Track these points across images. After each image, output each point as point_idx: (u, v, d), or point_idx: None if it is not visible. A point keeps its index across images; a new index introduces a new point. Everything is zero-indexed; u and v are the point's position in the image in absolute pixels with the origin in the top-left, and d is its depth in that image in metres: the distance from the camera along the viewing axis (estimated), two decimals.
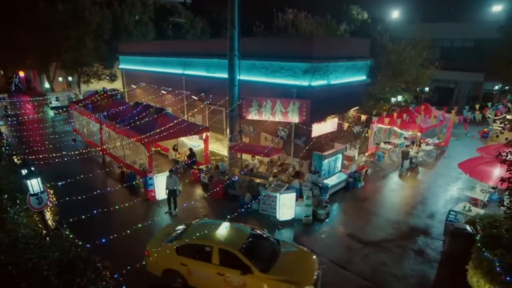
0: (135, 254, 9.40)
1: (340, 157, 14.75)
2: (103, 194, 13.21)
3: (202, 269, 8.08)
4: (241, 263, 7.77)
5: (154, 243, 8.84)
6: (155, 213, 12.64)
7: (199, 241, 8.32)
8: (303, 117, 13.92)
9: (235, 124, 14.96)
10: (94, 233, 9.07)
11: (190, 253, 8.22)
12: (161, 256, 8.47)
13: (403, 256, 10.18)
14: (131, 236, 10.84)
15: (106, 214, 11.81)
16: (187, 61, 19.81)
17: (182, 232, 8.89)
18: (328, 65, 14.26)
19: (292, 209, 11.77)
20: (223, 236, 8.58)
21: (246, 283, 7.75)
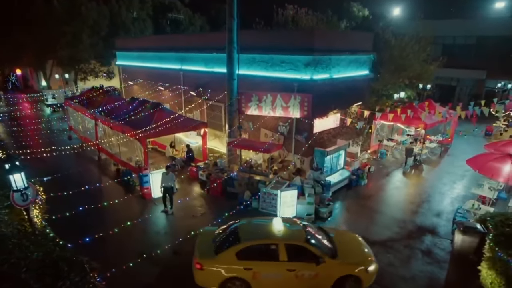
0: (128, 253, 8.92)
1: (342, 154, 14.25)
2: (96, 192, 12.73)
3: (270, 269, 7.56)
4: (311, 254, 7.59)
5: (205, 254, 7.76)
6: (150, 211, 12.12)
7: (262, 240, 7.82)
8: (304, 112, 13.43)
9: (234, 120, 14.45)
10: (85, 232, 8.62)
11: (254, 255, 7.59)
12: (220, 265, 7.54)
13: (411, 257, 9.68)
14: (124, 235, 10.39)
15: (98, 213, 11.37)
16: (185, 56, 19.31)
17: (233, 236, 8.01)
18: (330, 58, 13.76)
19: (294, 207, 11.27)
20: (282, 231, 8.22)
21: (318, 273, 7.58)
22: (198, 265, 7.56)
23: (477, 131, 21.06)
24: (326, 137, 14.85)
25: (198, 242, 8.31)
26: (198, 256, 7.73)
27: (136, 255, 9.23)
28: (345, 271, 7.68)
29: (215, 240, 8.15)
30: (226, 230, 8.49)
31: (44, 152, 15.21)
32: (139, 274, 8.74)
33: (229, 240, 7.92)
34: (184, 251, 9.83)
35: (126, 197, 13.17)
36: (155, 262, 9.27)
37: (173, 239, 10.32)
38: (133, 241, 10.20)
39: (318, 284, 7.70)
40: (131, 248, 9.77)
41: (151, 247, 9.79)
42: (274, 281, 7.62)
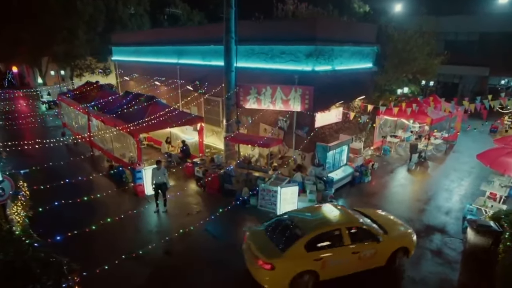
0: (116, 253, 8.27)
1: (345, 149, 13.62)
2: (87, 189, 12.09)
3: (337, 255, 7.51)
4: (369, 234, 7.88)
5: (271, 253, 7.28)
6: (142, 209, 11.47)
7: (326, 228, 7.69)
8: (305, 105, 12.79)
9: (232, 113, 13.81)
10: (71, 231, 7.99)
11: (322, 244, 7.43)
12: (290, 261, 7.18)
13: (420, 257, 9.04)
14: (113, 233, 9.78)
15: (87, 210, 10.79)
16: (182, 49, 18.68)
17: (293, 229, 7.66)
18: (333, 49, 13.12)
19: (294, 205, 10.64)
20: (337, 215, 8.27)
21: (377, 251, 7.86)
22: (268, 265, 7.04)
23: (487, 124, 20.44)
24: (328, 132, 14.22)
25: (252, 244, 7.67)
26: (266, 257, 7.16)
27: (125, 255, 8.60)
28: (398, 244, 8.16)
29: (273, 237, 7.70)
30: (278, 225, 8.04)
31: (32, 146, 14.57)
32: (127, 275, 8.15)
33: (291, 234, 7.54)
34: (176, 251, 9.25)
35: (118, 194, 12.56)
36: (145, 262, 8.66)
37: (165, 239, 9.70)
38: (123, 240, 9.58)
39: (376, 261, 8.02)
40: (120, 247, 9.12)
41: (141, 246, 9.12)
42: (340, 267, 7.66)
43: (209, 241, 9.78)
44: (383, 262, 8.08)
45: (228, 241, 9.71)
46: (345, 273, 7.78)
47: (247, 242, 7.89)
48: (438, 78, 31.61)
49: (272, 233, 7.82)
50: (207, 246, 9.52)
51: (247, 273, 8.32)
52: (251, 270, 7.54)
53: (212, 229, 10.27)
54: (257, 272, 7.29)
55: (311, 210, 8.91)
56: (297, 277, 7.16)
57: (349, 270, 7.80)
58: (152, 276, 8.25)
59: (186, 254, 9.12)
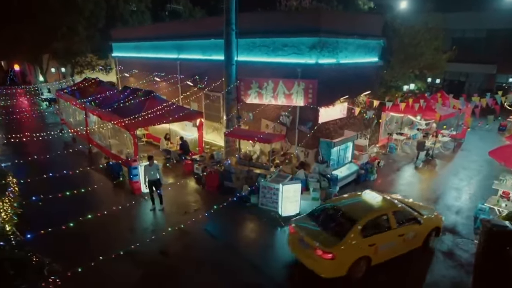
0: (108, 253, 7.83)
1: (350, 146, 13.08)
2: (82, 186, 11.64)
3: (387, 239, 7.72)
4: (411, 216, 8.30)
5: (328, 242, 7.23)
6: (138, 207, 11.01)
7: (376, 213, 7.88)
8: (309, 100, 12.28)
9: (232, 109, 13.31)
10: (62, 230, 7.57)
11: (373, 230, 7.59)
12: (349, 249, 7.22)
13: (430, 260, 8.51)
14: (106, 232, 9.35)
15: (80, 209, 10.27)
16: (182, 44, 18.21)
17: (344, 216, 7.78)
18: (337, 41, 12.60)
19: (297, 203, 10.13)
20: (381, 201, 8.34)
21: (417, 232, 8.27)
22: (329, 255, 6.99)
23: (499, 120, 19.81)
24: (332, 128, 13.70)
25: (305, 236, 7.56)
26: (325, 246, 7.09)
27: (117, 255, 8.15)
28: (432, 225, 8.69)
29: (325, 227, 7.70)
30: (326, 214, 8.10)
31: (29, 143, 14.19)
32: (119, 275, 7.72)
33: (345, 222, 7.62)
34: (172, 250, 8.78)
35: (114, 192, 12.15)
36: (139, 262, 8.21)
37: (161, 238, 9.24)
38: (116, 239, 9.12)
39: (416, 242, 8.38)
40: (113, 246, 8.64)
41: (135, 246, 8.70)
42: (389, 250, 7.85)
43: (207, 240, 9.30)
44: (420, 243, 8.49)
45: (227, 241, 9.24)
46: (391, 256, 7.98)
47: (297, 234, 7.79)
48: (444, 76, 30.96)
49: (322, 223, 7.84)
50: (205, 246, 9.05)
51: (246, 274, 7.87)
52: (306, 262, 7.52)
53: (210, 228, 9.80)
54: (316, 262, 7.24)
55: (353, 197, 8.87)
56: (354, 264, 7.27)
57: (395, 253, 8.03)
58: (146, 276, 7.79)
59: (182, 254, 8.66)
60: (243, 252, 8.73)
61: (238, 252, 8.70)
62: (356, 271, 7.38)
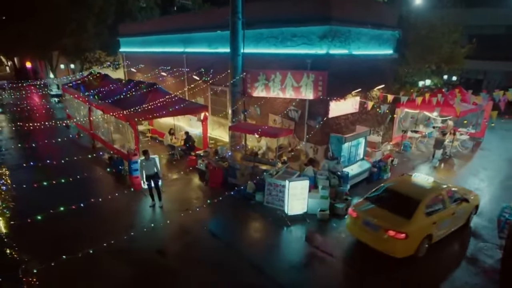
0: (100, 252, 7.34)
1: (362, 142, 12.34)
2: (81, 181, 11.21)
3: (444, 217, 8.11)
4: (461, 196, 8.74)
5: (398, 222, 7.45)
6: (137, 203, 10.50)
7: (435, 193, 8.23)
8: (318, 93, 11.59)
9: (238, 102, 12.71)
10: (55, 228, 7.13)
11: (433, 209, 7.92)
12: (418, 228, 7.52)
13: (451, 266, 7.74)
14: (101, 230, 8.86)
15: (76, 205, 9.82)
16: (188, 37, 17.72)
17: (405, 197, 8.06)
18: (349, 30, 11.87)
19: (304, 201, 9.45)
20: (433, 182, 8.83)
21: (464, 210, 8.79)
22: (402, 234, 7.20)
23: None
24: (344, 123, 12.97)
25: (371, 218, 7.78)
26: (397, 227, 7.32)
27: (110, 253, 7.66)
28: (474, 203, 9.28)
29: (389, 208, 7.90)
30: (387, 197, 8.39)
31: (33, 138, 13.89)
32: (109, 275, 7.17)
33: (408, 203, 7.85)
34: (170, 249, 8.22)
35: (115, 187, 11.67)
36: (134, 261, 7.67)
37: (159, 236, 8.72)
38: (111, 237, 8.55)
39: (461, 220, 8.88)
40: (108, 245, 8.16)
41: (132, 244, 8.20)
42: (445, 228, 8.27)
43: (208, 240, 8.71)
44: (464, 221, 9.00)
45: (229, 240, 8.63)
46: (445, 234, 8.38)
47: (360, 218, 7.97)
48: (460, 74, 29.77)
49: (385, 205, 8.05)
50: (205, 245, 8.47)
51: (247, 275, 7.26)
52: (374, 244, 7.68)
53: (212, 227, 9.22)
54: (386, 243, 7.38)
55: (406, 180, 9.22)
56: (421, 243, 7.57)
57: (448, 231, 8.47)
58: (139, 276, 7.24)
59: (181, 253, 8.10)
60: (245, 252, 8.12)
61: (240, 252, 8.10)
62: (420, 249, 7.67)
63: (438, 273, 7.57)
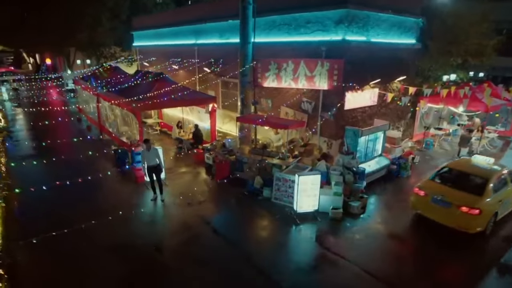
0: (96, 247, 6.81)
1: (381, 137, 11.42)
2: (84, 174, 10.83)
3: (507, 196, 8.34)
4: None
5: (470, 199, 7.74)
6: (138, 196, 9.95)
7: (499, 172, 8.50)
8: (333, 83, 10.78)
9: (248, 93, 12.03)
10: (52, 220, 6.65)
11: (498, 187, 8.19)
12: (489, 204, 7.81)
13: (482, 275, 6.80)
14: (97, 225, 8.32)
15: (75, 197, 9.45)
16: (200, 28, 17.19)
17: (471, 175, 8.49)
18: (368, 15, 11.00)
19: (315, 198, 8.66)
20: (492, 162, 9.07)
21: None
22: (477, 210, 7.50)
23: None
24: (360, 116, 12.10)
25: (443, 196, 8.03)
26: (471, 203, 7.61)
27: (105, 249, 7.15)
28: None
29: (458, 186, 8.18)
30: (453, 176, 8.71)
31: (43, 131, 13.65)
32: (105, 272, 6.62)
33: (476, 181, 8.25)
34: (169, 246, 7.61)
35: (117, 180, 11.19)
36: (129, 258, 7.10)
37: (158, 231, 8.15)
38: (107, 232, 8.05)
39: None
40: (102, 240, 7.66)
41: (128, 240, 7.66)
42: (506, 207, 8.49)
43: (209, 236, 8.04)
44: None
45: (232, 238, 7.94)
46: (506, 213, 8.63)
47: (428, 196, 8.24)
48: (488, 70, 28.07)
49: (453, 183, 8.35)
50: (206, 242, 7.80)
51: (248, 277, 6.57)
52: (444, 220, 7.96)
53: (215, 223, 8.56)
54: (459, 218, 7.65)
55: (468, 161, 9.55)
56: (491, 219, 7.89)
57: (507, 210, 8.66)
58: (133, 273, 6.64)
59: (179, 250, 7.46)
60: (249, 251, 7.42)
61: (243, 251, 7.41)
62: (489, 226, 7.90)
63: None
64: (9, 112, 23.52)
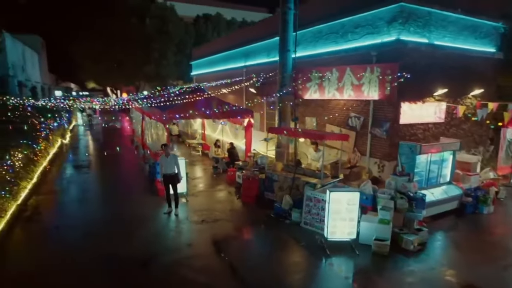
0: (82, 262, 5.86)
1: (449, 159, 9.05)
2: (113, 190, 10.52)
3: None
4: None
5: None
6: (151, 209, 8.96)
7: None
8: (386, 92, 9.02)
9: (287, 106, 10.75)
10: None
11: None
12: None
13: None
14: (99, 236, 7.51)
15: (91, 209, 9.03)
16: (249, 50, 16.90)
17: None
18: (430, 13, 9.24)
19: (353, 224, 6.71)
20: None
21: None
22: None
23: None
24: (422, 134, 9.91)
25: None
26: None
27: (89, 258, 6.17)
28: None
29: None
30: None
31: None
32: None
33: None
34: (158, 263, 6.30)
35: (141, 193, 10.51)
36: (104, 270, 5.96)
37: (155, 246, 6.94)
38: (104, 241, 7.11)
39: None
40: (90, 249, 6.70)
41: (117, 251, 6.59)
42: None
43: (211, 259, 6.52)
44: None
45: (239, 264, 6.30)
46: None
47: None
48: None
49: None
50: (204, 265, 6.28)
51: None
52: None
53: (224, 245, 7.06)
54: None
55: None
56: None
57: None
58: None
59: (167, 270, 6.07)
60: (251, 285, 5.73)
61: (243, 284, 5.76)
62: None
63: None
64: (80, 132, 25.75)
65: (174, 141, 18.34)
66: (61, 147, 17.55)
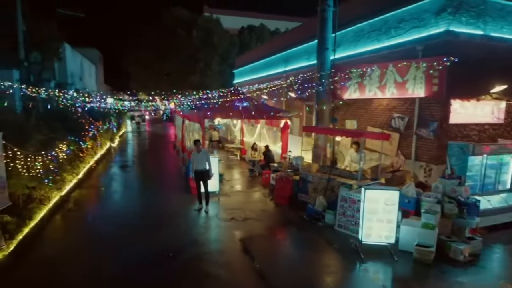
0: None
1: (510, 163, 7.99)
2: (150, 192, 10.81)
3: None
4: None
5: None
6: (182, 206, 8.97)
7: None
8: (433, 88, 8.26)
9: (325, 106, 10.29)
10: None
11: None
12: None
13: None
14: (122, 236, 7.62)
15: (131, 203, 9.39)
16: (289, 54, 16.72)
17: None
18: (485, 2, 8.38)
19: (391, 226, 6.07)
20: None
21: None
22: None
23: None
24: (476, 136, 8.88)
25: None
26: None
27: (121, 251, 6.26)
28: None
29: None
30: None
31: None
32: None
33: None
34: (180, 256, 6.17)
35: (176, 191, 10.66)
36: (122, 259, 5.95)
37: (181, 240, 6.86)
38: (132, 236, 7.19)
39: None
40: (121, 243, 6.79)
41: (150, 245, 6.61)
42: None
43: (233, 255, 6.26)
44: None
45: (262, 263, 5.94)
46: None
47: None
48: None
49: None
50: (225, 260, 6.04)
51: None
52: None
53: (249, 243, 6.76)
54: None
55: None
56: None
57: None
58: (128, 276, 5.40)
59: (188, 264, 5.90)
60: (274, 286, 5.35)
61: (266, 284, 5.39)
62: None
63: None
64: (128, 138, 27.29)
65: (214, 146, 18.58)
66: (109, 149, 18.58)
